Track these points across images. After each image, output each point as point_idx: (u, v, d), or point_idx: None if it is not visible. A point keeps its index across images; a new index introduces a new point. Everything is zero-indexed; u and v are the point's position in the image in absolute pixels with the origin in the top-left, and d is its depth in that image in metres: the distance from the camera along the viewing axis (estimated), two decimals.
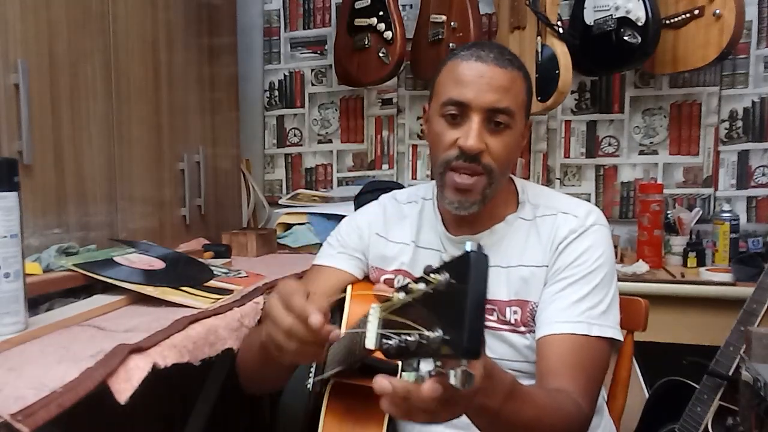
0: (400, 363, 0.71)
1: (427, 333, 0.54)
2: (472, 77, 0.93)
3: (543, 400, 0.78)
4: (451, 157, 0.95)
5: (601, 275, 0.96)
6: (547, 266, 0.99)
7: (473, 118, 0.93)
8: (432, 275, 0.56)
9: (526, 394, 0.73)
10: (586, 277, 0.95)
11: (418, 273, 1.11)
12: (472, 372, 0.55)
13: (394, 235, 1.11)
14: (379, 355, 0.64)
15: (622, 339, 0.97)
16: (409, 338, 0.57)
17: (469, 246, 0.53)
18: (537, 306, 0.98)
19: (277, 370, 0.92)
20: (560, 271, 0.97)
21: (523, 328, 0.99)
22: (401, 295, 0.60)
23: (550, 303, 0.95)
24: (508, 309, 0.99)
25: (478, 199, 0.96)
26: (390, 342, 0.60)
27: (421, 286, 0.57)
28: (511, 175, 1.08)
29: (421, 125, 2.10)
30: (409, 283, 0.59)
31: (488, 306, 1.00)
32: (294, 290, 0.70)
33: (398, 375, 0.63)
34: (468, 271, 0.52)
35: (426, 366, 0.58)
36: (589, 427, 0.88)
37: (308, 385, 1.03)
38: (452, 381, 0.55)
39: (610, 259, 0.99)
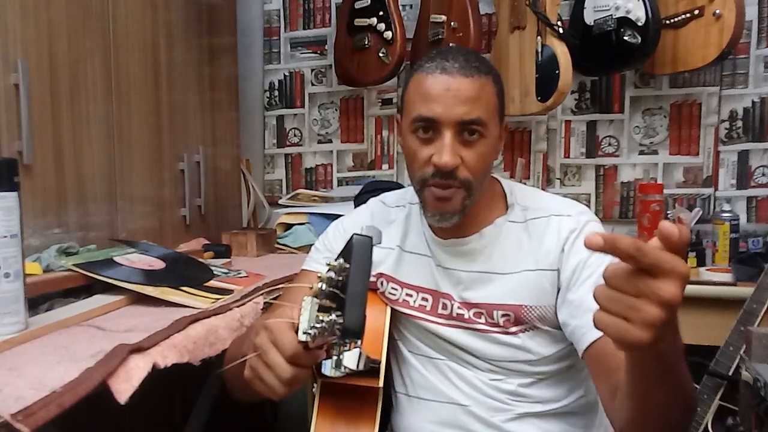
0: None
1: (326, 318, 0.55)
2: (439, 91, 0.92)
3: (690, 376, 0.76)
4: (427, 175, 0.94)
5: None
6: (555, 270, 0.98)
7: (445, 133, 0.92)
8: (333, 261, 0.57)
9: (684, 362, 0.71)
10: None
11: (402, 277, 1.11)
12: (368, 354, 0.56)
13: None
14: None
15: None
16: (317, 325, 0.58)
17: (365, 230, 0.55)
18: (536, 309, 0.98)
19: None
20: (578, 271, 0.95)
21: (514, 329, 0.99)
22: (319, 284, 0.61)
23: (580, 307, 0.92)
24: (495, 312, 0.99)
25: (458, 210, 0.96)
26: (310, 332, 0.61)
27: (330, 273, 0.58)
28: (498, 177, 1.08)
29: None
30: (324, 271, 0.61)
31: (476, 310, 1.00)
32: (282, 329, 0.68)
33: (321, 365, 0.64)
34: (351, 253, 0.53)
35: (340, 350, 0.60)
36: None
37: (313, 389, 1.02)
38: (347, 363, 0.56)
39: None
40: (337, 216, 1.20)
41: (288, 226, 2.04)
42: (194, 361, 0.94)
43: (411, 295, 1.06)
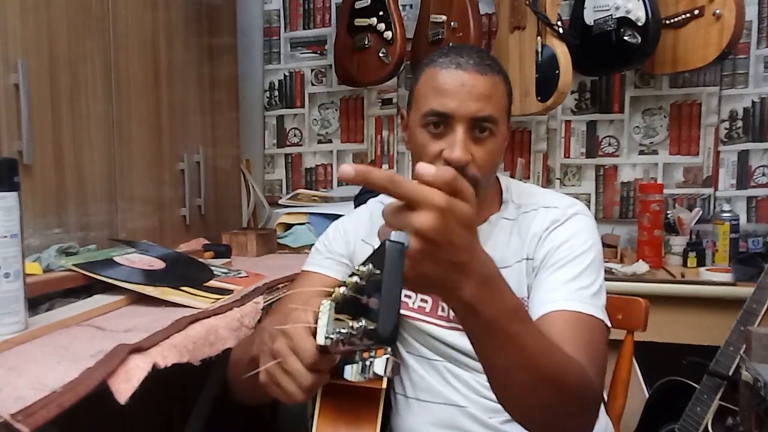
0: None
1: (355, 324, 0.55)
2: (454, 86, 0.91)
3: (553, 344, 0.71)
4: None
5: (590, 257, 0.94)
6: (528, 259, 0.98)
7: (457, 129, 0.92)
8: (360, 267, 0.57)
9: (534, 326, 0.68)
10: (575, 259, 0.93)
11: None
12: (396, 360, 0.55)
13: (378, 241, 1.09)
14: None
15: (610, 325, 0.95)
16: (343, 330, 0.57)
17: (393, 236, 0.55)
18: (526, 302, 0.98)
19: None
20: (548, 257, 0.95)
21: None
22: (341, 290, 0.60)
23: (540, 286, 0.93)
24: None
25: None
26: (332, 336, 0.60)
27: (355, 278, 0.58)
28: (496, 174, 1.08)
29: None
30: (347, 276, 0.60)
31: None
32: (301, 334, 0.66)
33: (342, 369, 0.63)
34: (383, 260, 0.53)
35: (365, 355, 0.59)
36: (601, 400, 0.84)
37: None
38: (376, 369, 0.56)
39: (596, 245, 0.97)
40: (337, 216, 1.20)
41: (288, 226, 2.04)
42: (194, 361, 0.94)
43: (410, 297, 1.06)
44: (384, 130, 2.28)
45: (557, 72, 1.76)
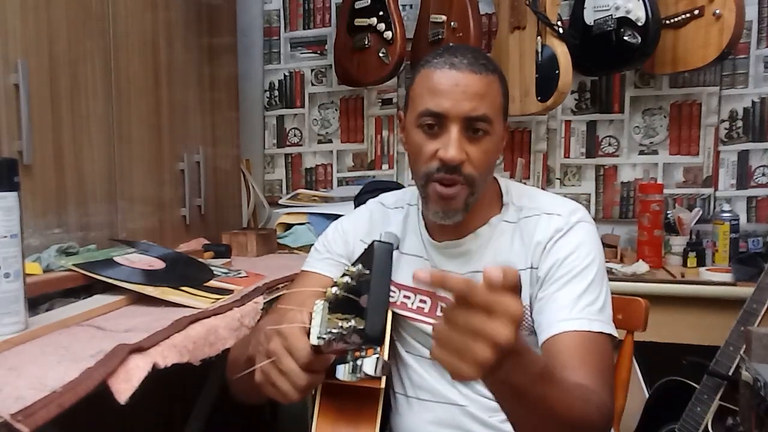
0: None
1: (345, 324, 0.55)
2: (448, 86, 0.92)
3: (575, 389, 0.75)
4: (432, 169, 0.94)
5: (594, 271, 0.95)
6: (533, 268, 0.98)
7: (451, 128, 0.92)
8: (350, 267, 0.57)
9: (559, 380, 0.71)
10: (580, 274, 0.94)
11: (400, 279, 1.11)
12: (385, 360, 0.56)
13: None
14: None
15: (617, 336, 0.96)
16: (334, 330, 0.58)
17: (384, 236, 0.56)
18: (527, 309, 0.98)
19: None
20: (553, 270, 0.96)
21: None
22: (334, 289, 0.61)
23: (547, 304, 0.94)
24: None
25: (461, 208, 0.96)
26: (324, 336, 0.61)
27: (346, 278, 0.59)
28: (496, 176, 1.07)
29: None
30: (339, 276, 0.61)
31: None
32: (296, 334, 0.67)
33: (335, 369, 0.63)
34: (372, 260, 0.54)
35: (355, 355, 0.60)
36: (614, 414, 0.87)
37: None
38: (366, 369, 0.56)
39: (599, 254, 0.98)
40: (337, 216, 1.20)
41: (288, 226, 2.04)
42: (194, 361, 0.94)
43: (409, 297, 1.06)
44: (384, 130, 2.28)
45: (557, 72, 1.76)
